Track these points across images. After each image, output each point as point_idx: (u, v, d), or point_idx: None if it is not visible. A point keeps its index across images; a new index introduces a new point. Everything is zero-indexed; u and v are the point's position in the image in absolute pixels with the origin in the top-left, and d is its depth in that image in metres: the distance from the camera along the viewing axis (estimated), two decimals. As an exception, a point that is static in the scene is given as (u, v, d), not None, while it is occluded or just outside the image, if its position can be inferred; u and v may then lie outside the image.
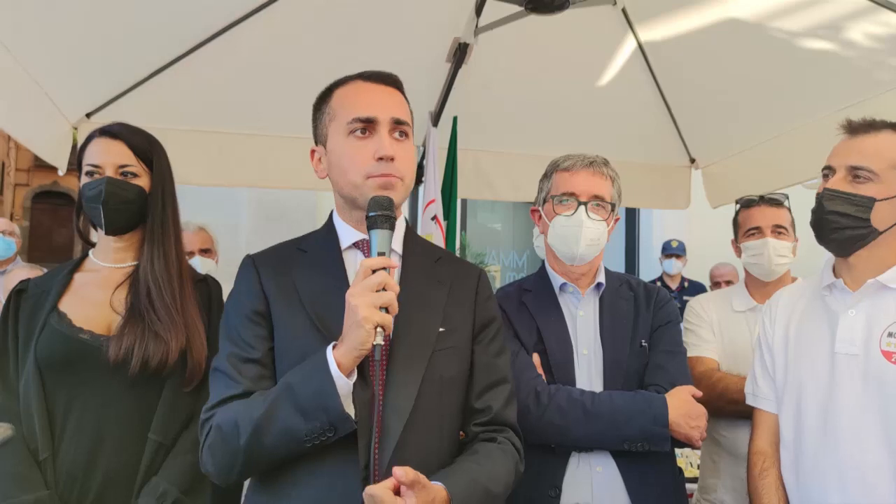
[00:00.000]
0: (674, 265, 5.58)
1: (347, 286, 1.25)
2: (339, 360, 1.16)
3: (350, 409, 1.17)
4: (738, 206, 2.32)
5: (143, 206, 1.70)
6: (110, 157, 1.65)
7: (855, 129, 1.56)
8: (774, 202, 2.22)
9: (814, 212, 1.56)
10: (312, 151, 1.40)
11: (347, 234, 1.37)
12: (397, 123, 1.32)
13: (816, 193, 1.57)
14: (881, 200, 1.48)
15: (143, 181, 1.69)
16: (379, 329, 1.14)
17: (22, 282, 1.71)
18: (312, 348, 1.22)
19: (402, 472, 1.09)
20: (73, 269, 1.72)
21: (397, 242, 1.38)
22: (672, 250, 5.62)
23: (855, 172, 1.50)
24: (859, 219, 1.49)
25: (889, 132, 1.52)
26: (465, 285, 1.40)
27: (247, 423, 1.18)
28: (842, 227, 1.51)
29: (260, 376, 1.26)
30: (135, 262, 1.72)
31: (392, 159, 1.28)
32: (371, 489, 1.10)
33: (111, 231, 1.68)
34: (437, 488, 1.16)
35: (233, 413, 1.20)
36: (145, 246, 1.71)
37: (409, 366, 1.25)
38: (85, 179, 1.66)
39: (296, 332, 1.26)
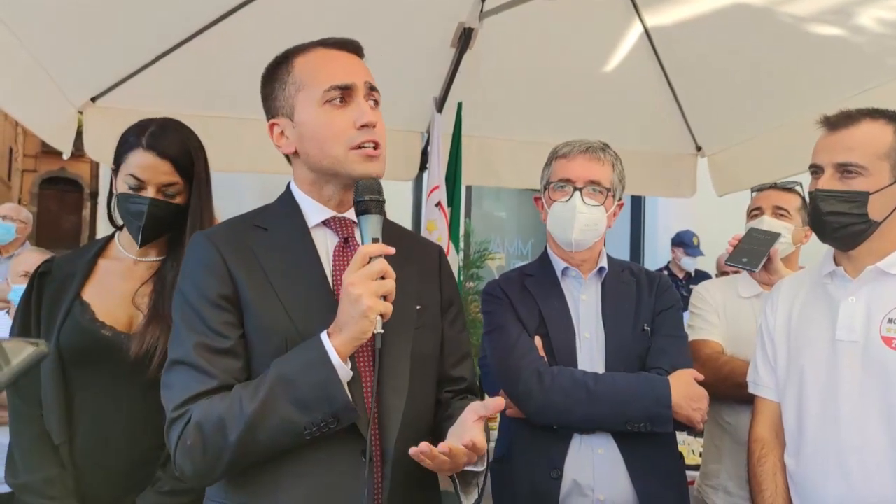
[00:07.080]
0: (691, 262, 5.58)
1: (320, 267, 1.25)
2: (338, 349, 1.13)
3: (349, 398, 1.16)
4: (752, 192, 2.32)
5: (179, 219, 1.67)
6: (156, 175, 1.62)
7: (834, 123, 1.54)
8: (784, 188, 2.22)
9: (811, 214, 1.55)
10: (271, 125, 1.31)
11: (315, 211, 1.31)
12: (371, 90, 1.27)
13: (809, 192, 1.55)
14: (875, 193, 1.47)
15: (183, 196, 1.67)
16: (378, 317, 1.13)
17: (45, 262, 1.70)
18: (288, 336, 1.19)
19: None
20: (98, 253, 1.70)
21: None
22: (693, 251, 5.58)
23: (843, 169, 1.49)
24: (857, 214, 1.48)
25: (868, 121, 1.50)
26: (429, 263, 1.41)
27: (237, 418, 1.11)
28: (842, 225, 1.50)
29: (233, 368, 1.18)
30: (159, 258, 1.71)
31: (374, 126, 1.24)
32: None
33: (144, 244, 1.66)
34: None
35: (215, 409, 1.13)
36: (181, 249, 1.65)
37: (397, 345, 1.24)
38: (123, 186, 1.63)
39: (268, 319, 1.20)
